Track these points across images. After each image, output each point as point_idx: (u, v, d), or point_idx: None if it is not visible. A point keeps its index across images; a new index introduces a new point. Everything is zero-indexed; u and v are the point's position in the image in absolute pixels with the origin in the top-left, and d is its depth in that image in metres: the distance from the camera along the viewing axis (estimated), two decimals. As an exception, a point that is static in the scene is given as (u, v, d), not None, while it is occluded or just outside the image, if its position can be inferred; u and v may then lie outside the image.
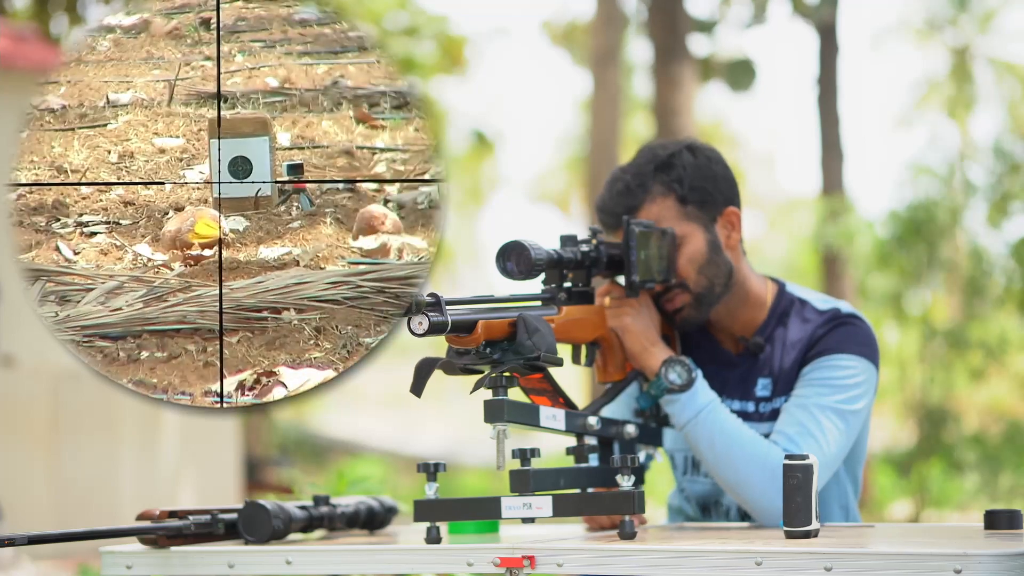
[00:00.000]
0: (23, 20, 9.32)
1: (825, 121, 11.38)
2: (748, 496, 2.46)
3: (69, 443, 7.97)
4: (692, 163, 2.58)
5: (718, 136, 20.17)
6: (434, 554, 2.23)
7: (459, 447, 16.35)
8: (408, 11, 13.43)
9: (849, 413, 2.52)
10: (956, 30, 16.69)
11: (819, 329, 2.58)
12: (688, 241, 2.56)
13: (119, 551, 2.33)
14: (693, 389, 2.48)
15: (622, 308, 2.52)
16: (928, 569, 1.91)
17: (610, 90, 10.07)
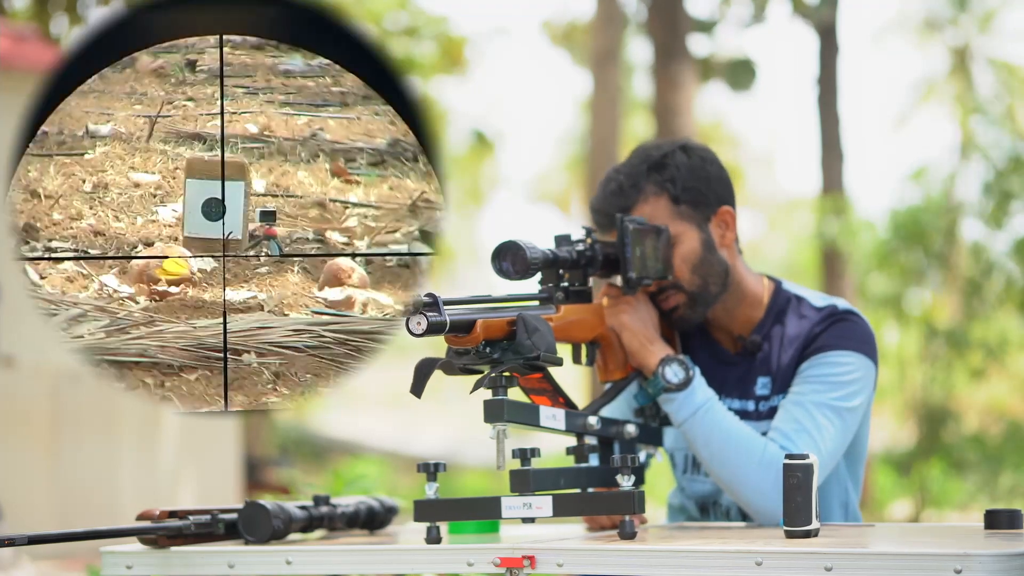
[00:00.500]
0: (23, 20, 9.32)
1: (825, 121, 11.38)
2: (744, 494, 2.46)
3: (69, 443, 7.97)
4: (685, 163, 2.58)
5: (718, 136, 20.16)
6: (434, 554, 2.23)
7: (459, 447, 16.35)
8: (408, 11, 13.43)
9: (846, 410, 2.52)
10: (956, 30, 16.69)
11: (816, 326, 2.58)
12: (682, 241, 2.57)
13: (119, 551, 2.33)
14: (691, 387, 2.48)
15: (619, 306, 2.52)
16: (928, 569, 1.91)
17: (610, 90, 10.07)
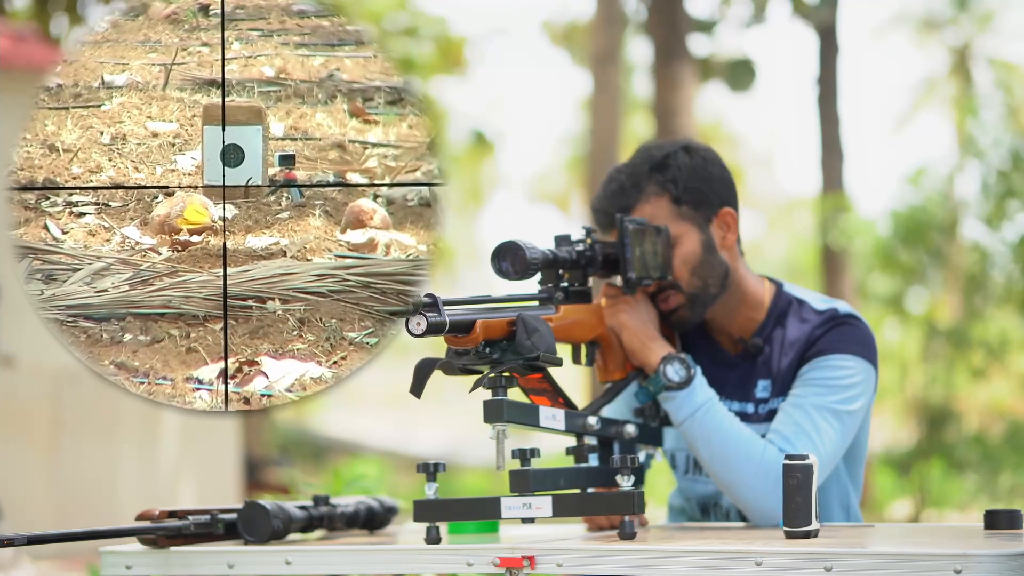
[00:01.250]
0: (23, 20, 9.32)
1: (825, 121, 11.39)
2: (742, 495, 2.46)
3: (69, 443, 7.97)
4: (687, 163, 2.58)
5: (718, 136, 20.17)
6: (434, 554, 2.23)
7: (459, 447, 16.36)
8: (408, 11, 13.43)
9: (845, 413, 2.52)
10: (956, 29, 16.69)
11: (817, 329, 2.58)
12: (682, 241, 2.56)
13: (119, 551, 2.33)
14: (691, 386, 2.48)
15: (618, 306, 2.52)
16: (928, 569, 1.91)
17: (610, 90, 10.07)
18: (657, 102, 9.51)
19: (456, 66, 15.11)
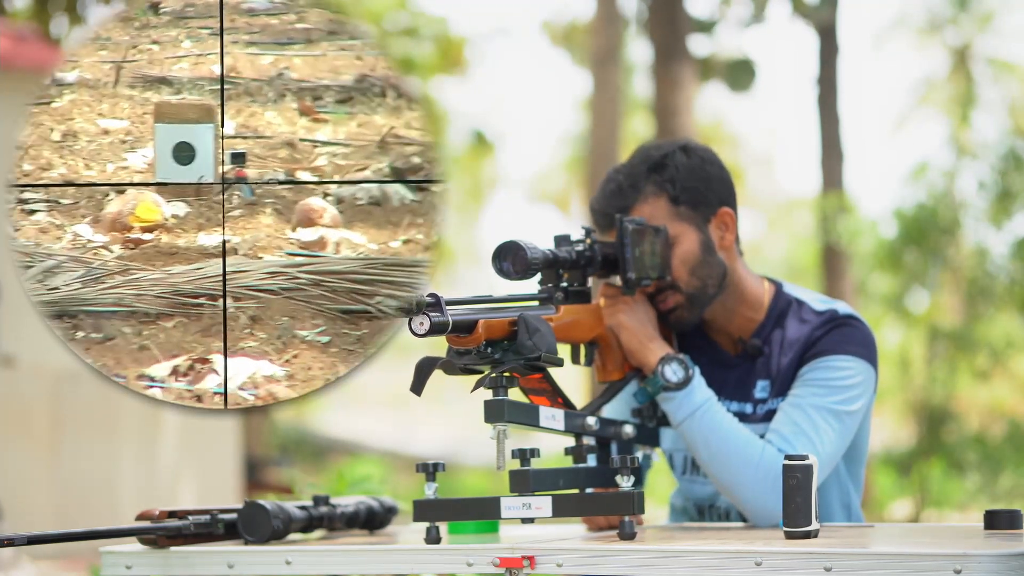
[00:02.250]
0: (23, 20, 9.31)
1: (825, 121, 11.38)
2: (741, 496, 2.46)
3: (69, 443, 7.97)
4: (685, 163, 2.58)
5: (717, 136, 20.16)
6: (434, 554, 2.23)
7: (459, 447, 16.36)
8: (408, 11, 13.43)
9: (845, 414, 2.52)
10: (956, 30, 16.69)
11: (816, 330, 2.58)
12: (680, 241, 2.56)
13: (119, 551, 2.33)
14: (690, 387, 2.48)
15: (617, 306, 2.52)
16: (928, 569, 1.91)
17: (610, 90, 10.07)
18: (657, 102, 9.51)
19: (456, 66, 15.12)
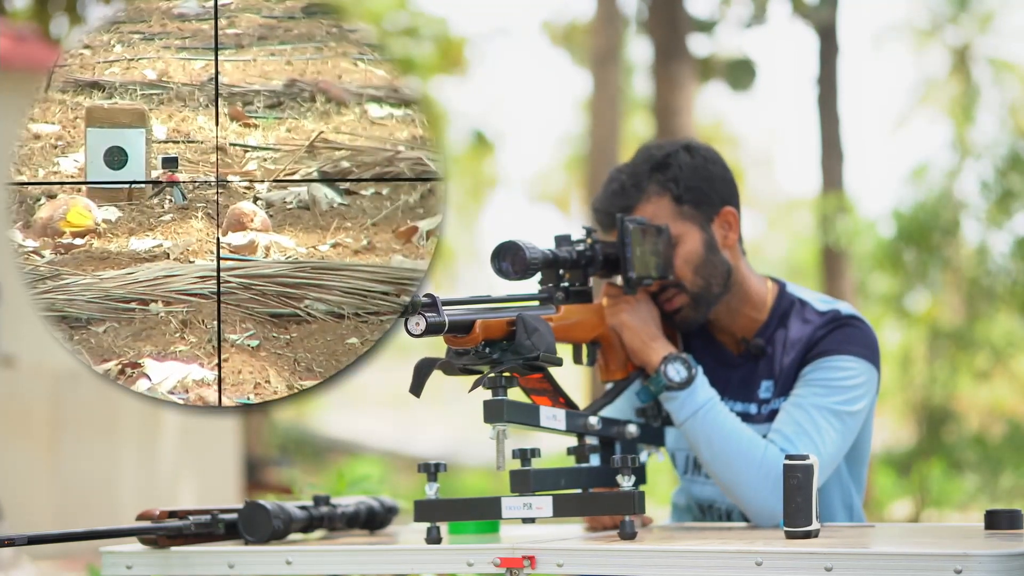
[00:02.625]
0: (23, 20, 9.31)
1: (825, 121, 11.38)
2: (743, 495, 2.46)
3: (69, 443, 7.97)
4: (688, 163, 2.58)
5: (718, 136, 20.16)
6: (434, 554, 2.23)
7: (459, 447, 16.36)
8: (408, 11, 13.43)
9: (847, 414, 2.52)
10: (956, 30, 16.69)
11: (819, 330, 2.58)
12: (684, 241, 2.56)
13: (119, 551, 2.33)
14: (693, 386, 2.48)
15: (619, 305, 2.52)
16: (928, 569, 1.91)
17: (610, 90, 10.07)
18: (657, 102, 9.51)
19: (456, 66, 15.12)
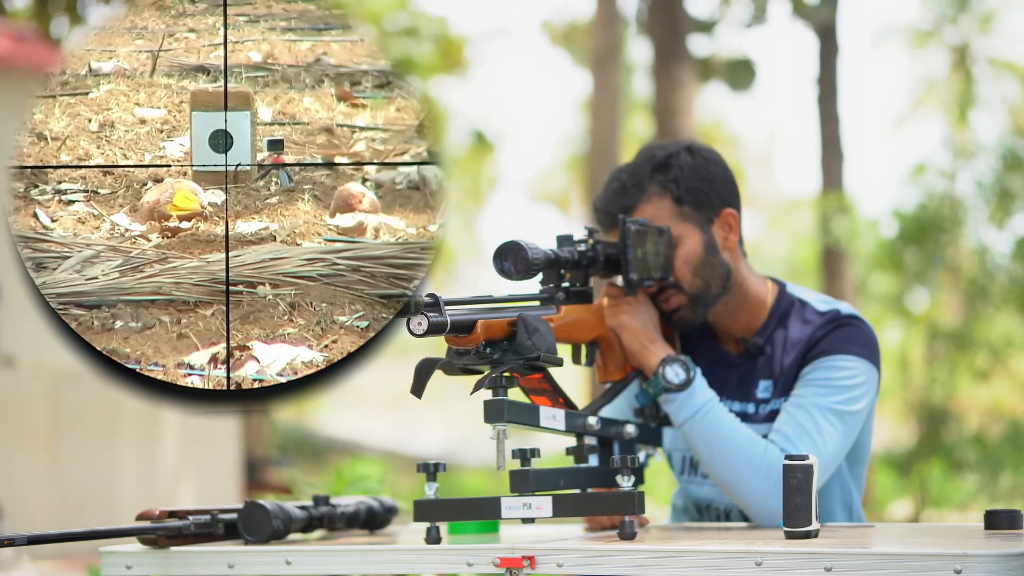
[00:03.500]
0: (23, 20, 9.31)
1: (825, 121, 11.37)
2: (743, 496, 2.46)
3: (69, 443, 7.97)
4: (690, 164, 2.58)
5: (718, 136, 20.17)
6: (434, 554, 2.23)
7: (459, 447, 16.36)
8: (408, 11, 13.43)
9: (847, 414, 2.52)
10: (956, 30, 16.69)
11: (819, 330, 2.58)
12: (684, 242, 2.56)
13: (119, 551, 2.33)
14: (691, 388, 2.48)
15: (619, 306, 2.52)
16: (928, 569, 1.91)
17: (610, 90, 10.07)
18: (657, 102, 9.50)
19: (456, 66, 15.12)
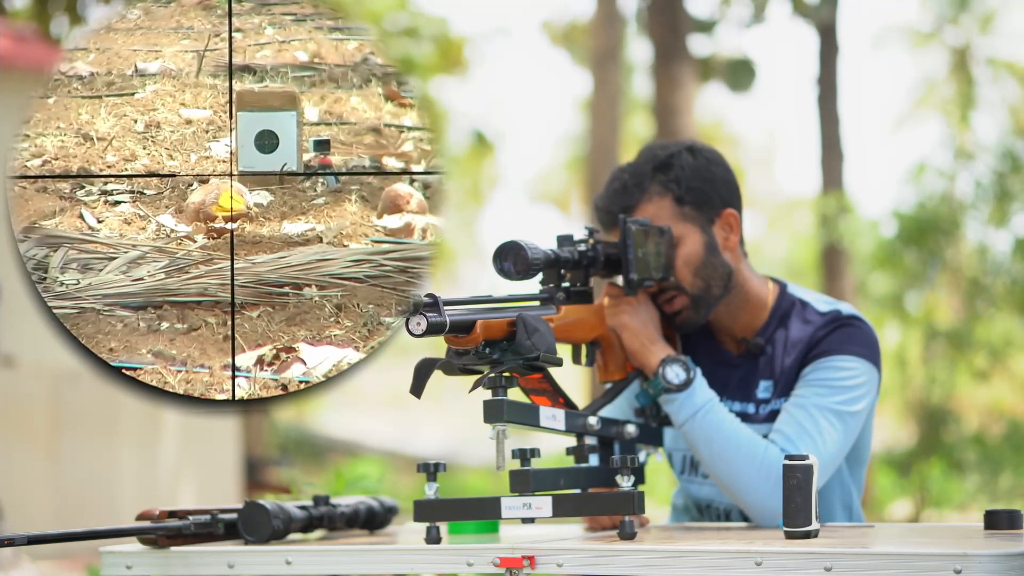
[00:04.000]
0: (23, 20, 9.31)
1: (825, 121, 11.37)
2: (744, 496, 2.46)
3: (69, 443, 7.97)
4: (691, 164, 2.58)
5: (718, 136, 20.16)
6: (434, 554, 2.23)
7: (459, 447, 16.36)
8: (408, 11, 13.43)
9: (848, 414, 2.52)
10: (956, 30, 16.69)
11: (819, 330, 2.58)
12: (685, 242, 2.56)
13: (119, 551, 2.33)
14: (691, 388, 2.48)
15: (620, 306, 2.52)
16: (928, 569, 1.91)
17: (610, 90, 10.07)
18: (657, 102, 9.50)
19: (456, 66, 15.11)
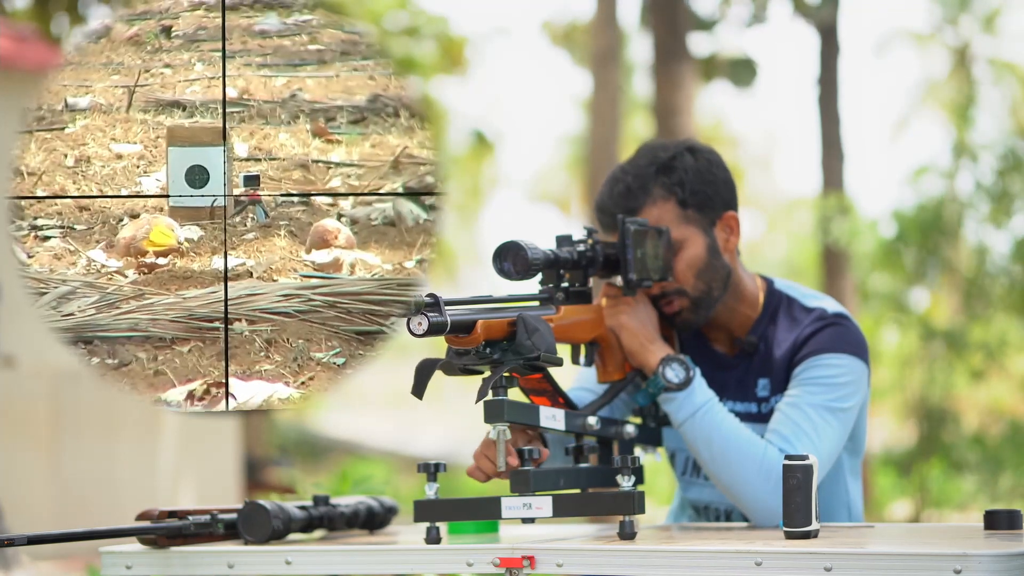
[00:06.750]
0: (23, 20, 9.31)
1: (825, 121, 11.38)
2: (743, 496, 2.46)
3: (69, 443, 7.97)
4: (693, 166, 2.58)
5: (718, 136, 20.16)
6: (434, 554, 2.23)
7: (459, 447, 16.35)
8: (408, 11, 13.43)
9: (841, 411, 2.53)
10: (956, 30, 16.69)
11: (806, 329, 2.59)
12: (687, 245, 2.56)
13: (119, 551, 2.33)
14: (691, 387, 2.48)
15: (618, 307, 2.52)
16: (928, 569, 1.92)
17: (610, 90, 10.07)
18: (657, 102, 9.50)
19: (456, 66, 15.12)
